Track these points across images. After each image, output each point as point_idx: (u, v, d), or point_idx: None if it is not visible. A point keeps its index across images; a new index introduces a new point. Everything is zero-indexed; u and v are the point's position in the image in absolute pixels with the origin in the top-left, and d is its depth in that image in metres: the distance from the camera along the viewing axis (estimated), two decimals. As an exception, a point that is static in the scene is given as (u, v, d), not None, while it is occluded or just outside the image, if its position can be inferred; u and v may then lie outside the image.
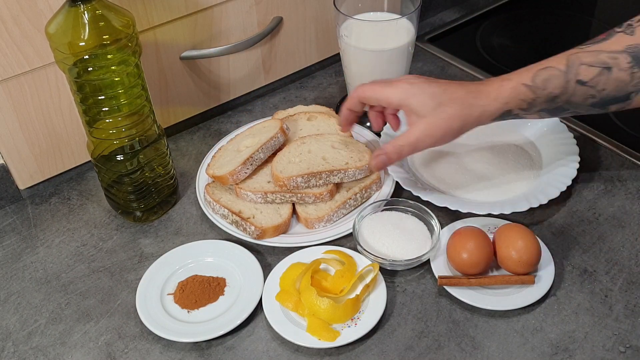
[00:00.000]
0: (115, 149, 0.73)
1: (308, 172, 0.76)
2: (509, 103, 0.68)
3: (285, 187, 0.76)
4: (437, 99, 0.68)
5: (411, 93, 0.69)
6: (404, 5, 0.87)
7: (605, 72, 0.66)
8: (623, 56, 0.66)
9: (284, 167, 0.77)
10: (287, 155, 0.79)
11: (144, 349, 0.66)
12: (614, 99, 0.68)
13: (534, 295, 0.67)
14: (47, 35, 0.65)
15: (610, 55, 0.66)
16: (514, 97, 0.68)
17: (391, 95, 0.70)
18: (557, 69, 0.67)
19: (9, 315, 0.70)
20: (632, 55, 0.66)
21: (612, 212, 0.77)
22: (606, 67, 0.66)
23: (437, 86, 0.69)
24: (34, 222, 0.80)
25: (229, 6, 0.86)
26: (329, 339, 0.63)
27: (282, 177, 0.75)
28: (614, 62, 0.66)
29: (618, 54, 0.66)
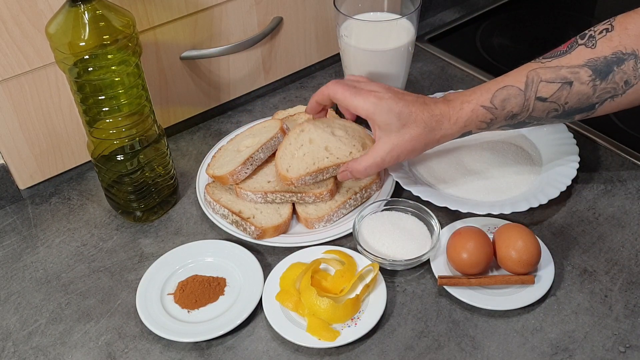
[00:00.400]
0: (115, 149, 0.73)
1: (315, 169, 0.75)
2: (468, 125, 0.70)
3: (292, 186, 0.75)
4: (403, 120, 0.69)
5: (378, 109, 0.70)
6: (404, 5, 0.87)
7: (566, 86, 0.67)
8: (584, 70, 0.66)
9: (289, 164, 0.76)
10: (288, 148, 0.77)
11: (144, 349, 0.66)
12: (578, 110, 0.69)
13: (533, 295, 0.67)
14: (47, 35, 0.65)
15: (570, 70, 0.67)
16: (473, 120, 0.70)
17: (359, 106, 0.71)
18: (516, 87, 0.68)
19: (9, 315, 0.70)
20: (592, 69, 0.66)
21: (612, 212, 0.77)
22: (567, 82, 0.67)
23: (404, 105, 0.70)
24: (34, 222, 0.80)
25: (229, 6, 0.86)
26: (329, 338, 0.63)
27: (290, 177, 0.74)
28: (575, 77, 0.67)
29: (579, 68, 0.67)
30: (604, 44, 0.66)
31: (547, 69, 0.68)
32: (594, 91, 0.67)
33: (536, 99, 0.68)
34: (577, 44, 0.68)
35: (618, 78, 0.67)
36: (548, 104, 0.68)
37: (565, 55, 0.68)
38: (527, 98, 0.68)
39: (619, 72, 0.66)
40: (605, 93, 0.68)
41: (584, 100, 0.68)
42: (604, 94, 0.68)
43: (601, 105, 0.69)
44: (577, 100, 0.68)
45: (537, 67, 0.68)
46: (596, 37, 0.67)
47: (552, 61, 0.68)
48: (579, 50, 0.67)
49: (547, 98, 0.68)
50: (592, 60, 0.66)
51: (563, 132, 0.83)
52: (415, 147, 0.71)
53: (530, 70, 0.68)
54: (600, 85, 0.67)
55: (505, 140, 0.84)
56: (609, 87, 0.67)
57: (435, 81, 1.00)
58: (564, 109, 0.69)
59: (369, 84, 0.74)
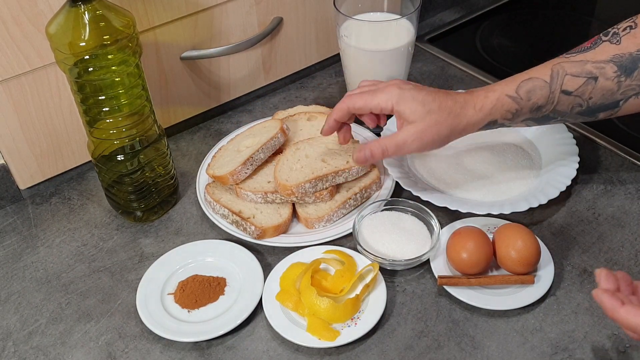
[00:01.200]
0: (115, 149, 0.73)
1: (314, 176, 0.75)
2: (493, 114, 0.69)
3: (293, 195, 0.75)
4: (428, 106, 0.69)
5: (402, 98, 0.69)
6: (404, 5, 0.87)
7: (591, 81, 0.67)
8: (609, 66, 0.66)
9: (288, 175, 0.76)
10: (286, 163, 0.78)
11: (144, 349, 0.66)
12: (602, 106, 0.69)
13: (533, 295, 0.67)
14: (48, 35, 0.65)
15: (596, 65, 0.67)
16: (498, 109, 0.69)
17: (382, 101, 0.70)
18: (542, 79, 0.68)
19: (10, 315, 0.70)
20: (617, 65, 0.66)
21: (611, 212, 0.77)
22: (592, 77, 0.67)
23: (427, 94, 0.70)
24: (35, 222, 0.81)
25: (229, 6, 0.86)
26: (329, 338, 0.63)
27: (289, 186, 0.75)
28: (600, 72, 0.67)
29: (604, 63, 0.66)
30: (629, 40, 0.66)
31: (572, 63, 0.68)
32: (618, 87, 0.67)
33: (561, 92, 0.68)
34: (602, 41, 0.68)
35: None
36: (573, 97, 0.68)
37: (590, 51, 0.68)
38: (552, 90, 0.68)
39: None
40: (630, 90, 0.67)
41: (609, 96, 0.68)
42: (629, 91, 0.67)
43: (625, 102, 0.68)
44: (602, 95, 0.68)
45: (562, 61, 0.68)
46: (620, 34, 0.67)
47: (577, 56, 0.68)
48: (604, 46, 0.67)
49: (572, 92, 0.68)
50: (618, 56, 0.66)
51: (563, 132, 0.83)
52: (439, 133, 0.69)
53: (556, 64, 0.68)
54: (625, 81, 0.67)
55: (505, 140, 0.84)
56: (633, 84, 0.67)
57: (435, 81, 1.00)
58: (588, 105, 0.69)
59: (386, 83, 0.73)
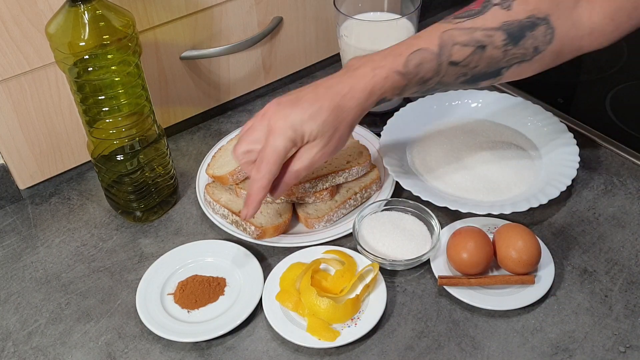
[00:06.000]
0: (115, 149, 0.73)
1: (314, 176, 0.75)
2: (381, 92, 0.65)
3: (293, 195, 0.75)
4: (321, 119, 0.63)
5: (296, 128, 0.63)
6: (404, 5, 0.87)
7: (479, 50, 0.64)
8: (498, 34, 0.64)
9: None
10: None
11: (144, 349, 0.66)
12: (486, 75, 0.67)
13: (534, 295, 0.67)
14: (47, 35, 0.65)
15: (485, 33, 0.64)
16: (386, 87, 0.65)
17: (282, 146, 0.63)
18: (430, 51, 0.64)
19: (9, 315, 0.70)
20: (507, 33, 0.64)
21: (612, 212, 0.77)
22: (480, 46, 0.64)
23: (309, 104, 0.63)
24: (34, 222, 0.80)
25: (229, 6, 0.86)
26: (329, 339, 0.63)
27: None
28: (489, 40, 0.64)
29: (493, 31, 0.64)
30: (520, 6, 0.64)
31: (461, 30, 0.65)
32: (504, 55, 0.65)
33: (449, 64, 0.65)
34: (492, 4, 0.65)
35: (529, 43, 0.65)
36: (459, 68, 0.65)
37: (480, 16, 0.65)
38: (440, 62, 0.65)
39: (531, 37, 0.64)
40: (514, 58, 0.66)
41: (494, 64, 0.66)
42: (513, 59, 0.66)
43: (508, 70, 0.67)
44: (487, 64, 0.66)
45: (450, 27, 0.65)
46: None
47: (466, 22, 0.65)
48: (494, 11, 0.65)
49: (460, 62, 0.65)
50: (507, 23, 0.64)
51: (563, 132, 0.83)
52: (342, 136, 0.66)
53: (444, 32, 0.65)
54: (512, 50, 0.65)
55: (505, 140, 0.84)
56: (519, 53, 0.65)
57: (435, 81, 1.00)
58: (472, 74, 0.67)
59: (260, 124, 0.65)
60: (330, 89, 0.64)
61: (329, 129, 0.64)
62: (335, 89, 0.64)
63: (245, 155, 0.66)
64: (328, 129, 0.64)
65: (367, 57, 0.66)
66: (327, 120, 0.63)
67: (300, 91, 0.66)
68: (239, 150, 0.66)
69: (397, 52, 0.65)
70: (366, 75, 0.64)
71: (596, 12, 0.65)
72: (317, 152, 0.65)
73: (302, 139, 0.64)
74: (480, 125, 0.87)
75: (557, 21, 0.65)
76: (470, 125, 0.87)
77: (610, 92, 0.94)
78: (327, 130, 0.64)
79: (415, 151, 0.84)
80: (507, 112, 0.88)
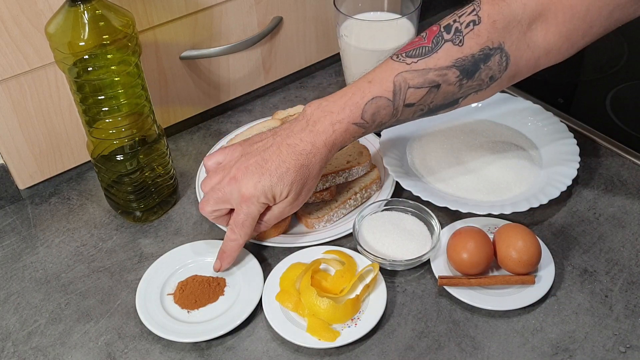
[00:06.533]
0: (115, 149, 0.73)
1: None
2: (343, 144, 0.68)
3: None
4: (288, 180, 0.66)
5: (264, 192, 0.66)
6: (404, 5, 0.87)
7: (434, 90, 0.66)
8: (452, 71, 0.65)
9: None
10: None
11: (143, 349, 0.65)
12: (442, 106, 0.69)
13: (534, 295, 0.67)
14: (47, 35, 0.65)
15: (438, 73, 0.65)
16: (346, 138, 0.68)
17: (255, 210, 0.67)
18: (385, 98, 0.66)
19: (9, 316, 0.70)
20: (460, 69, 0.65)
21: (612, 212, 0.77)
22: (434, 86, 0.65)
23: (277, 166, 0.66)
24: (34, 222, 0.80)
25: (228, 6, 0.86)
26: (329, 339, 0.63)
27: None
28: (443, 79, 0.65)
29: (447, 69, 0.65)
30: (472, 40, 0.64)
31: (414, 72, 0.65)
32: (460, 89, 0.66)
33: (405, 106, 0.66)
34: (444, 40, 0.65)
35: (484, 75, 0.66)
36: (415, 107, 0.67)
37: (432, 55, 0.65)
38: (396, 107, 0.66)
39: (485, 69, 0.65)
40: (471, 89, 0.67)
41: (449, 97, 0.67)
42: (469, 90, 0.67)
43: (465, 99, 0.68)
44: (443, 98, 0.67)
45: (403, 70, 0.65)
46: (463, 31, 0.64)
47: (419, 62, 0.65)
48: (446, 48, 0.65)
49: (415, 103, 0.66)
50: (460, 59, 0.64)
51: (563, 132, 0.82)
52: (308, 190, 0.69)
53: (397, 75, 0.65)
54: (467, 83, 0.66)
55: (505, 140, 0.84)
56: (474, 84, 0.66)
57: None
58: (429, 108, 0.68)
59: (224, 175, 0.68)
60: (293, 148, 0.66)
61: (297, 186, 0.67)
62: (298, 149, 0.66)
63: (214, 212, 0.69)
64: (296, 186, 0.67)
65: (323, 106, 0.68)
66: (295, 179, 0.66)
67: (264, 151, 0.67)
68: (207, 209, 0.69)
69: (353, 101, 0.66)
70: (326, 131, 0.66)
71: (551, 33, 0.65)
72: (287, 207, 0.69)
73: (274, 199, 0.67)
74: (481, 125, 0.87)
75: (511, 47, 0.65)
76: (470, 125, 0.87)
77: (610, 92, 0.94)
78: (296, 188, 0.67)
79: (416, 151, 0.84)
80: (507, 112, 0.88)
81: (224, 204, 0.68)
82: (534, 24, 0.64)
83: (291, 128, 0.68)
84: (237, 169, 0.67)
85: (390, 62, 0.67)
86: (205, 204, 0.69)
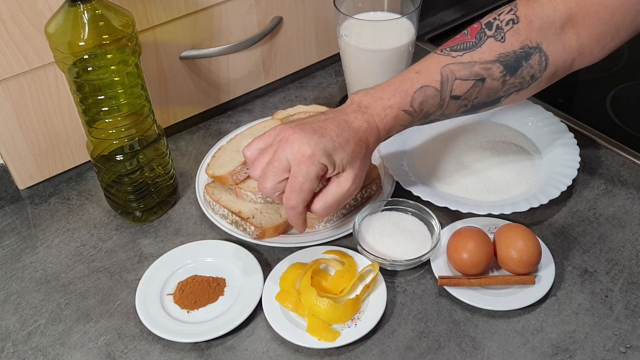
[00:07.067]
0: (114, 149, 0.73)
1: None
2: (392, 130, 0.68)
3: None
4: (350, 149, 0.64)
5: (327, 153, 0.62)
6: (404, 4, 0.87)
7: (479, 83, 0.66)
8: (496, 66, 0.66)
9: None
10: None
11: (143, 349, 0.65)
12: (485, 104, 0.69)
13: (534, 295, 0.66)
14: (47, 35, 0.65)
15: (483, 67, 0.66)
16: (396, 125, 0.67)
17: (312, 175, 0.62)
18: (433, 87, 0.66)
19: (9, 316, 0.69)
20: (504, 65, 0.66)
21: (612, 212, 0.77)
22: (480, 79, 0.66)
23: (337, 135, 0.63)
24: (34, 222, 0.80)
25: (228, 6, 0.86)
26: (329, 339, 0.63)
27: None
28: (488, 73, 0.66)
29: (491, 64, 0.66)
30: (512, 37, 0.66)
31: (460, 65, 0.66)
32: (503, 86, 0.67)
33: (451, 98, 0.67)
34: (486, 36, 0.66)
35: (526, 73, 0.67)
36: (461, 101, 0.67)
37: (477, 49, 0.66)
38: (442, 98, 0.67)
39: (527, 66, 0.66)
40: (512, 87, 0.68)
41: (493, 94, 0.68)
42: (511, 88, 0.68)
43: (506, 98, 0.69)
44: (487, 95, 0.68)
45: (450, 62, 0.66)
46: (504, 28, 0.66)
47: (464, 56, 0.66)
48: (490, 43, 0.66)
49: (461, 96, 0.67)
50: (504, 55, 0.66)
51: (563, 132, 0.82)
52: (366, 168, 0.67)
53: (444, 66, 0.66)
54: (510, 80, 0.67)
55: (505, 140, 0.84)
56: (516, 82, 0.67)
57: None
58: (472, 104, 0.69)
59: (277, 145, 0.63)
60: (350, 124, 0.65)
61: (356, 160, 0.65)
62: (355, 125, 0.65)
63: (277, 186, 0.63)
64: (355, 159, 0.65)
65: (371, 93, 0.67)
66: (355, 150, 0.64)
67: (319, 122, 0.64)
68: (268, 186, 0.63)
69: (402, 89, 0.66)
70: (379, 114, 0.66)
71: (582, 36, 0.67)
72: (349, 186, 0.65)
73: (333, 166, 0.63)
74: (481, 125, 0.87)
75: (548, 47, 0.66)
76: (470, 125, 0.87)
77: (610, 92, 0.94)
78: (355, 161, 0.65)
79: (416, 151, 0.84)
80: (507, 112, 0.88)
81: (285, 173, 0.62)
82: (566, 26, 0.66)
83: (343, 110, 0.67)
84: (292, 132, 0.62)
85: (436, 56, 0.68)
86: (264, 180, 0.63)
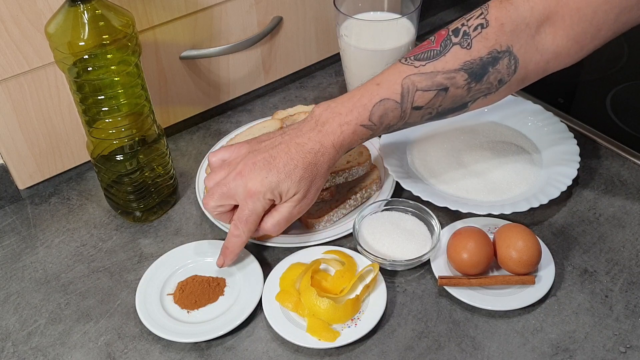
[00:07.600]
0: (114, 149, 0.73)
1: None
2: (352, 144, 0.68)
3: None
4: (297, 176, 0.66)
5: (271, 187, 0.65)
6: (404, 4, 0.87)
7: (442, 92, 0.65)
8: (460, 74, 0.65)
9: None
10: None
11: (143, 349, 0.65)
12: (451, 110, 0.68)
13: (534, 295, 0.66)
14: (47, 35, 0.65)
15: (446, 76, 0.65)
16: (355, 139, 0.68)
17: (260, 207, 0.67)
18: (393, 100, 0.66)
19: (9, 316, 0.69)
20: (468, 72, 0.65)
21: (612, 212, 0.77)
22: (443, 89, 0.65)
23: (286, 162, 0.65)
24: (34, 222, 0.80)
25: (228, 6, 0.86)
26: (329, 339, 0.63)
27: None
28: (451, 82, 0.65)
29: (455, 72, 0.65)
30: (480, 43, 0.64)
31: (422, 75, 0.65)
32: (468, 92, 0.66)
33: (413, 109, 0.66)
34: (452, 44, 0.65)
35: (492, 78, 0.66)
36: (423, 110, 0.67)
37: (440, 58, 0.65)
38: (404, 110, 0.66)
39: (494, 72, 0.65)
40: (479, 93, 0.67)
41: (458, 100, 0.67)
42: (478, 94, 0.67)
43: (473, 103, 0.68)
44: (452, 102, 0.67)
45: (412, 72, 0.65)
46: (471, 34, 0.65)
47: (427, 66, 0.65)
48: (454, 51, 0.65)
49: (423, 106, 0.66)
50: (469, 62, 0.64)
51: (563, 132, 0.82)
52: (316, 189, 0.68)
53: (405, 78, 0.65)
54: (475, 86, 0.66)
55: (505, 140, 0.84)
56: (483, 88, 0.66)
57: (435, 81, 1.00)
58: (437, 112, 0.68)
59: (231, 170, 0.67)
60: (302, 147, 0.66)
61: (304, 185, 0.66)
62: (307, 147, 0.66)
63: (218, 208, 0.69)
64: (304, 185, 0.66)
65: (332, 107, 0.68)
66: (303, 177, 0.66)
67: (272, 148, 0.67)
68: (211, 204, 0.68)
69: (361, 103, 0.66)
70: (334, 132, 0.67)
71: (560, 36, 0.65)
72: (294, 206, 0.68)
73: (280, 197, 0.67)
74: (481, 125, 0.87)
75: (520, 50, 0.65)
76: (470, 125, 0.87)
77: (610, 92, 0.94)
78: (303, 187, 0.66)
79: (416, 151, 0.84)
80: (507, 112, 0.88)
81: (229, 200, 0.67)
82: (542, 27, 0.64)
83: (300, 128, 0.68)
84: (244, 165, 0.66)
85: (399, 65, 0.67)
86: (209, 198, 0.68)
